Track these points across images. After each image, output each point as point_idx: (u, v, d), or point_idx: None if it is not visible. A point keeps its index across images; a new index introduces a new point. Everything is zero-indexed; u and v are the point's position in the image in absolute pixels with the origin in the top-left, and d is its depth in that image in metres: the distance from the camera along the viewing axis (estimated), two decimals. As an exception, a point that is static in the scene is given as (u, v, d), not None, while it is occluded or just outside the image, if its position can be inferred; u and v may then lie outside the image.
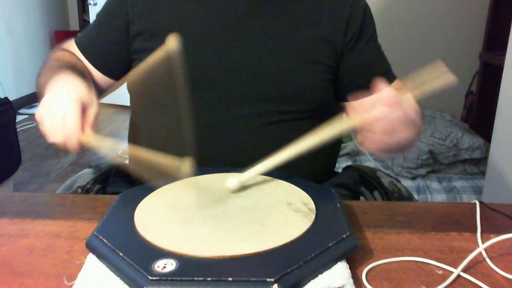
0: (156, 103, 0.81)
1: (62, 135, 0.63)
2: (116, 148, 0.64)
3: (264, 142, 0.78)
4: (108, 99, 4.01)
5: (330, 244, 0.48)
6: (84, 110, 0.65)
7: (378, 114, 0.57)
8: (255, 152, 0.78)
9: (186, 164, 0.57)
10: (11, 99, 2.06)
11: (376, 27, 0.86)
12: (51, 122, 0.64)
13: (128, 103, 0.90)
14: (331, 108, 0.87)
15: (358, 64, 0.83)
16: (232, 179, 0.62)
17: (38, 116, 0.66)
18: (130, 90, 0.87)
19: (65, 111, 0.63)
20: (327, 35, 0.80)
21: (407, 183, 1.88)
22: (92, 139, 0.63)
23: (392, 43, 2.67)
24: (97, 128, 0.66)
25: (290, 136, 0.79)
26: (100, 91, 0.90)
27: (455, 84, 0.58)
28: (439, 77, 0.58)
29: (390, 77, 0.86)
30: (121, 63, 0.86)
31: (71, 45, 0.89)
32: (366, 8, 0.84)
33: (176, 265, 0.44)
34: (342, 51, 0.81)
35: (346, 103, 0.86)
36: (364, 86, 0.85)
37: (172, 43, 0.58)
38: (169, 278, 0.42)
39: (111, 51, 0.85)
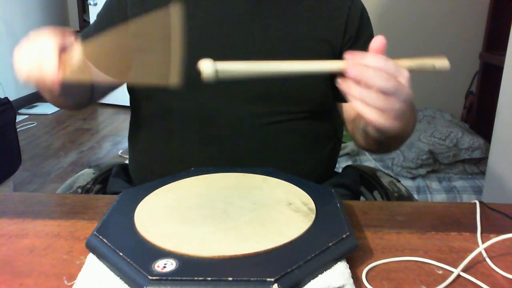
0: (156, 103, 0.81)
1: (39, 64, 0.62)
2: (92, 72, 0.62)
3: (264, 142, 0.78)
4: (108, 99, 4.01)
5: (330, 244, 0.48)
6: (65, 50, 0.64)
7: (376, 62, 0.53)
8: (255, 152, 0.78)
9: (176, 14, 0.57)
10: (11, 99, 2.06)
11: (376, 27, 0.86)
12: (28, 52, 0.64)
13: (128, 103, 0.90)
14: (330, 108, 0.87)
15: None
16: (207, 64, 0.58)
17: (17, 51, 0.66)
18: (130, 90, 0.87)
19: (44, 45, 0.63)
20: (326, 36, 0.80)
21: (407, 183, 1.88)
22: (69, 70, 0.63)
23: (392, 43, 2.67)
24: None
25: (288, 136, 0.80)
26: (101, 92, 0.90)
27: (447, 68, 0.56)
28: (434, 58, 0.57)
29: None
30: (120, 62, 0.85)
31: None
32: (363, 10, 0.84)
33: (176, 265, 0.44)
34: (340, 52, 0.81)
35: (340, 104, 0.86)
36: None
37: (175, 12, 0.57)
38: (169, 278, 0.42)
39: (110, 51, 0.85)
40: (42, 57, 0.63)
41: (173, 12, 0.57)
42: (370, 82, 0.52)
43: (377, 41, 0.55)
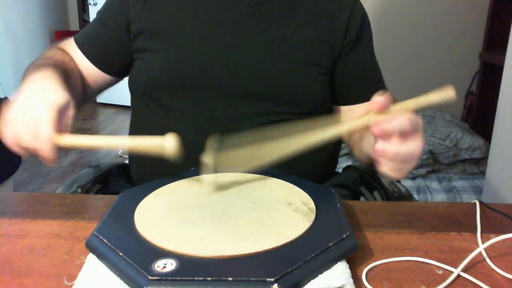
0: (157, 103, 0.81)
1: (34, 138, 0.58)
2: (98, 144, 0.62)
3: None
4: (108, 99, 4.01)
5: (330, 244, 0.48)
6: (60, 113, 0.61)
7: (398, 125, 0.53)
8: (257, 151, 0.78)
9: (170, 141, 0.58)
10: (11, 99, 2.06)
11: (376, 27, 0.86)
12: (23, 124, 0.59)
13: (128, 103, 0.90)
14: (329, 109, 0.87)
15: (352, 69, 0.83)
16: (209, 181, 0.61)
17: (9, 117, 0.60)
18: (130, 90, 0.87)
19: (38, 114, 0.58)
20: (326, 37, 0.80)
21: (407, 183, 1.88)
22: (69, 140, 0.60)
23: (392, 43, 2.68)
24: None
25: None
26: (96, 88, 0.90)
27: (453, 100, 0.57)
28: (439, 91, 0.57)
29: (381, 88, 0.87)
30: (120, 60, 0.86)
31: (69, 43, 0.89)
32: (365, 15, 0.84)
33: (176, 265, 0.44)
34: (340, 54, 0.81)
35: (337, 106, 0.86)
36: (355, 92, 0.85)
37: (170, 143, 0.59)
38: (169, 278, 0.42)
39: (111, 48, 0.85)
40: (37, 132, 0.58)
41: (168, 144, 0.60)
42: (403, 158, 0.55)
43: (381, 98, 0.55)
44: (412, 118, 0.54)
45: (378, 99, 0.54)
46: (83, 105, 0.89)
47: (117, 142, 0.63)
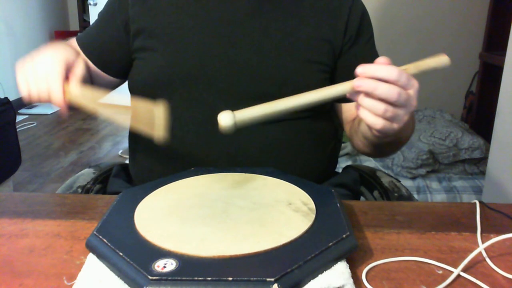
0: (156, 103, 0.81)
1: (46, 86, 0.64)
2: (103, 102, 0.63)
3: (263, 142, 0.78)
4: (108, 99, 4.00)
5: (330, 244, 0.48)
6: (69, 67, 0.67)
7: (389, 75, 0.53)
8: (255, 152, 0.78)
9: (160, 110, 0.58)
10: (11, 99, 2.06)
11: (376, 27, 0.86)
12: (33, 73, 0.65)
13: (128, 103, 0.90)
14: (330, 108, 0.87)
15: (354, 66, 0.83)
16: (226, 115, 0.58)
17: (20, 66, 0.66)
18: (130, 89, 0.87)
19: (48, 64, 0.65)
20: (327, 35, 0.80)
21: (407, 183, 1.88)
22: (75, 92, 0.65)
23: (392, 43, 2.68)
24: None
25: (289, 136, 0.80)
26: (101, 90, 0.90)
27: (448, 64, 0.57)
28: (434, 57, 0.57)
29: None
30: (120, 61, 0.86)
31: (72, 43, 0.90)
32: (365, 12, 0.84)
33: (176, 265, 0.44)
34: (340, 52, 0.81)
35: (339, 105, 0.86)
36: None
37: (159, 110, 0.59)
38: (169, 278, 0.42)
39: (110, 48, 0.85)
40: (48, 81, 0.64)
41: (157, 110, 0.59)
42: (383, 96, 0.53)
43: (382, 60, 0.56)
44: (402, 71, 0.54)
45: (383, 59, 0.55)
46: None
47: (117, 102, 0.64)
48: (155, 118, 0.59)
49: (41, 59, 0.67)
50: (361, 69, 0.55)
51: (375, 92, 0.54)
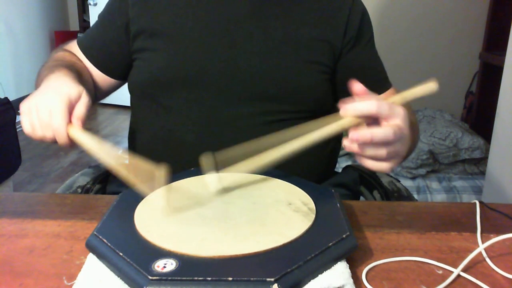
0: (156, 103, 0.81)
1: (50, 128, 0.64)
2: (104, 148, 0.63)
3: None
4: (108, 99, 4.01)
5: (330, 244, 0.48)
6: (73, 106, 0.66)
7: (364, 106, 0.53)
8: (255, 152, 0.78)
9: (161, 172, 0.58)
10: (11, 99, 2.06)
11: (376, 27, 0.86)
12: (37, 115, 0.65)
13: (128, 103, 0.90)
14: (330, 108, 0.87)
15: (355, 66, 0.83)
16: (212, 181, 0.60)
17: (24, 108, 0.66)
18: (130, 90, 0.87)
19: (51, 105, 0.64)
20: (326, 36, 0.80)
21: (407, 183, 1.88)
22: (80, 134, 0.64)
23: (392, 43, 2.68)
24: (87, 124, 0.67)
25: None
26: (103, 92, 0.90)
27: (435, 90, 0.56)
28: (423, 85, 0.57)
29: (385, 84, 0.87)
30: (121, 62, 0.86)
31: (73, 45, 0.90)
32: (365, 12, 0.84)
33: (176, 265, 0.44)
34: (340, 52, 0.81)
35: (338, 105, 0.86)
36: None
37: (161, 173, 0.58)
38: (169, 278, 0.42)
39: (111, 51, 0.86)
40: (51, 124, 0.64)
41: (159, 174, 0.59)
42: (381, 140, 0.53)
43: (358, 87, 0.56)
44: (381, 102, 0.53)
45: (358, 86, 0.55)
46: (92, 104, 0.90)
47: (113, 158, 0.62)
48: (155, 179, 0.59)
49: (44, 100, 0.65)
50: (342, 107, 0.54)
51: (373, 141, 0.53)
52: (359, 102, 0.54)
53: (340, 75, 0.83)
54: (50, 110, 0.64)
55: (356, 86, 0.56)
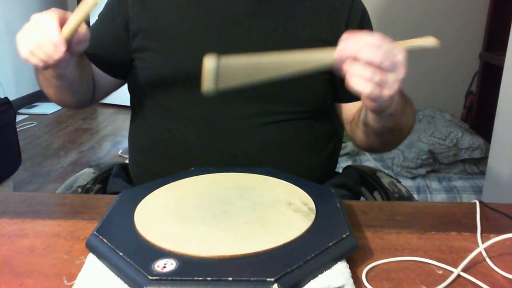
0: (156, 103, 0.81)
1: (44, 39, 0.63)
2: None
3: (263, 142, 0.78)
4: (108, 99, 4.01)
5: (330, 244, 0.48)
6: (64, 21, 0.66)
7: (372, 39, 0.54)
8: (255, 152, 0.78)
9: None
10: (11, 99, 2.06)
11: (376, 27, 0.86)
12: (32, 33, 0.65)
13: (128, 103, 0.90)
14: (330, 108, 0.87)
15: None
16: (211, 59, 0.56)
17: (21, 32, 0.67)
18: (130, 90, 0.87)
19: (44, 21, 0.65)
20: (326, 36, 0.80)
21: (407, 183, 1.88)
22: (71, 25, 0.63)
23: (392, 43, 2.67)
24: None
25: (289, 136, 0.80)
26: (103, 91, 0.90)
27: (435, 44, 0.57)
28: (422, 39, 0.57)
29: None
30: (121, 61, 0.85)
31: None
32: (364, 12, 0.84)
33: (176, 265, 0.44)
34: None
35: (340, 105, 0.86)
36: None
37: None
38: (169, 278, 0.42)
39: (111, 49, 0.85)
40: (44, 29, 0.63)
41: None
42: (367, 58, 0.54)
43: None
44: (384, 38, 0.55)
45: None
46: (90, 104, 0.89)
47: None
48: None
49: (37, 19, 0.67)
50: (345, 36, 0.56)
51: (360, 55, 0.54)
52: (363, 34, 0.55)
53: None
54: (44, 25, 0.64)
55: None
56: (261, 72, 0.59)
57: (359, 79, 0.55)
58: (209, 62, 0.56)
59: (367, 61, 0.54)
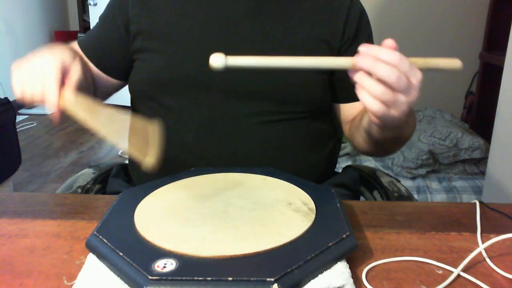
0: (156, 103, 0.81)
1: (40, 84, 0.62)
2: (96, 113, 0.61)
3: (263, 142, 0.78)
4: (108, 99, 4.00)
5: (330, 244, 0.48)
6: (66, 69, 0.65)
7: (391, 57, 0.52)
8: (255, 152, 0.78)
9: (150, 157, 0.56)
10: (11, 99, 2.06)
11: (376, 27, 0.86)
12: (29, 72, 0.63)
13: (128, 103, 0.90)
14: (329, 108, 0.87)
15: None
16: (218, 57, 0.57)
17: (16, 65, 0.65)
18: (130, 90, 0.87)
19: (45, 64, 0.63)
20: (325, 35, 0.80)
21: (407, 183, 1.88)
22: (70, 101, 0.62)
23: (392, 43, 2.67)
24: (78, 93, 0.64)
25: (288, 136, 0.80)
26: (104, 92, 0.90)
27: (460, 68, 0.55)
28: (447, 60, 0.56)
29: None
30: (122, 62, 0.86)
31: (74, 46, 0.90)
32: (363, 12, 0.84)
33: (176, 265, 0.44)
34: (339, 52, 0.81)
35: (338, 105, 0.86)
36: (355, 89, 0.85)
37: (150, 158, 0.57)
38: (169, 278, 0.42)
39: (112, 50, 0.85)
40: (43, 83, 0.62)
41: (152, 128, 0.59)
42: (382, 75, 0.52)
43: (389, 42, 0.55)
44: (404, 57, 0.52)
45: (390, 41, 0.54)
46: None
47: (114, 139, 0.61)
48: (149, 137, 0.58)
49: (38, 60, 0.65)
50: (364, 48, 0.54)
51: (374, 71, 0.52)
52: (384, 48, 0.53)
53: (338, 74, 0.83)
54: (43, 71, 0.62)
55: (388, 41, 0.54)
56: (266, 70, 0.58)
57: (368, 95, 0.54)
58: (217, 60, 0.56)
59: (381, 79, 0.52)
